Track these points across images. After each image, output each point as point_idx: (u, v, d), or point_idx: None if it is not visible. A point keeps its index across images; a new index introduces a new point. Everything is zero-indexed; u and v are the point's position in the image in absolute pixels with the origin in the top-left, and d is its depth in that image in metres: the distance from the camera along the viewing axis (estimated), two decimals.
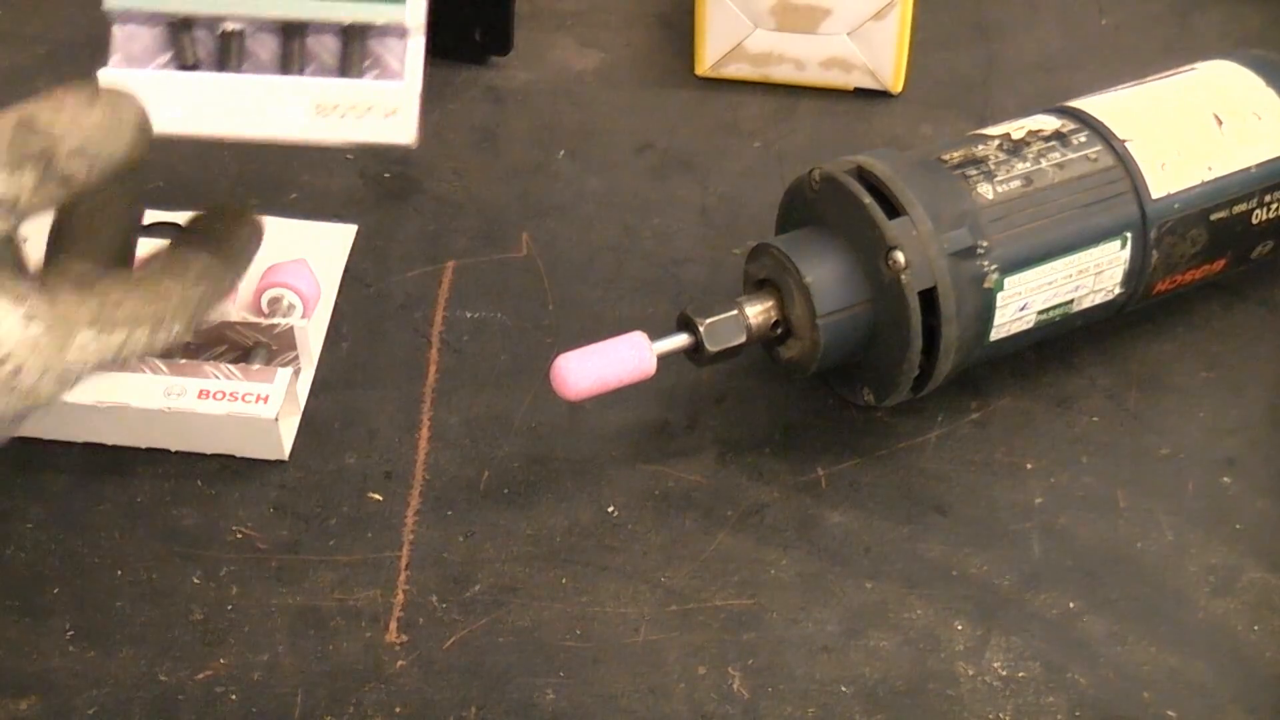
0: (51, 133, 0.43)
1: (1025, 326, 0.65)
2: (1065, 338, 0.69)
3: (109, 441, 0.64)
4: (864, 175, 0.64)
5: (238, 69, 0.47)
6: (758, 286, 0.65)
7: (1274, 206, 0.69)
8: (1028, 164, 0.65)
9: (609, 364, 0.61)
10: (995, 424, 0.67)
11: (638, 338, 0.61)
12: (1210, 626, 0.60)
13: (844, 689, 0.57)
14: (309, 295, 0.69)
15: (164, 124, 0.46)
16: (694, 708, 0.57)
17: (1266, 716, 0.57)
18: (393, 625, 0.59)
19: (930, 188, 0.63)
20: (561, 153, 0.82)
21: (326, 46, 0.47)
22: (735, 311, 0.63)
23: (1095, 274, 0.66)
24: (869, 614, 0.60)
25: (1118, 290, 0.67)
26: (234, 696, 0.57)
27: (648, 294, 0.73)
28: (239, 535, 0.62)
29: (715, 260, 0.75)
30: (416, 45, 0.47)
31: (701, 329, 0.62)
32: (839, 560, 0.62)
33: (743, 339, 0.63)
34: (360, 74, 0.47)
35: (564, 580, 0.61)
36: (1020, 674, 0.58)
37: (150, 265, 0.47)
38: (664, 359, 0.62)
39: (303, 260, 0.70)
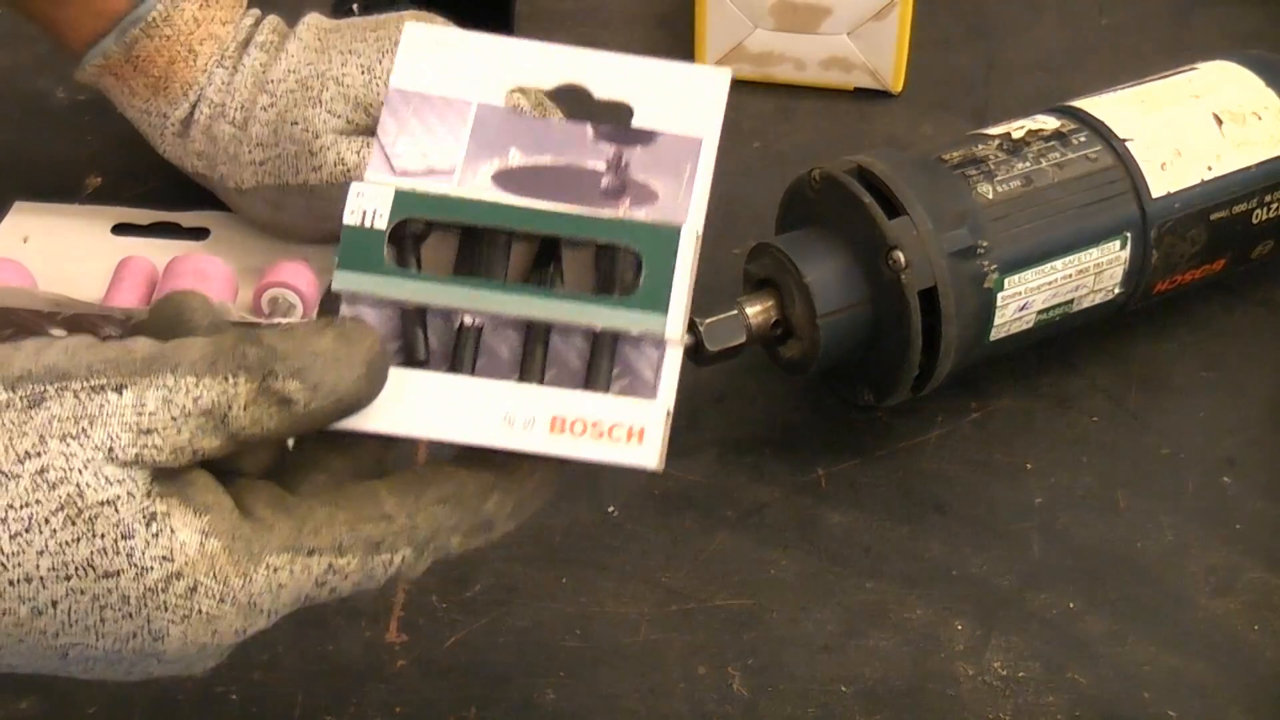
0: (273, 347, 0.39)
1: (1025, 326, 0.65)
2: (1065, 338, 0.69)
3: None
4: (864, 175, 0.64)
5: (471, 369, 0.42)
6: (758, 286, 0.65)
7: (1274, 206, 0.69)
8: (1028, 164, 0.65)
9: None
10: (995, 424, 0.67)
11: None
12: (1210, 626, 0.59)
13: (844, 689, 0.57)
14: (309, 295, 0.69)
15: (385, 423, 0.41)
16: (694, 708, 0.57)
17: (1266, 716, 0.57)
18: (393, 625, 0.59)
19: (930, 187, 0.63)
20: None
21: (575, 347, 0.42)
22: (735, 311, 0.63)
23: (1095, 274, 0.66)
24: (869, 614, 0.60)
25: (1118, 290, 0.67)
26: (234, 696, 0.57)
27: None
28: None
29: (715, 260, 0.75)
30: (674, 358, 0.42)
31: (701, 329, 0.62)
32: (839, 560, 0.62)
33: (743, 339, 0.63)
34: (608, 384, 0.42)
35: (564, 580, 0.61)
36: (1020, 674, 0.58)
37: (389, 480, 0.42)
38: None
39: (303, 260, 0.70)
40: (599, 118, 0.44)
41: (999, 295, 0.63)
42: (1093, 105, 0.69)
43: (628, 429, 0.41)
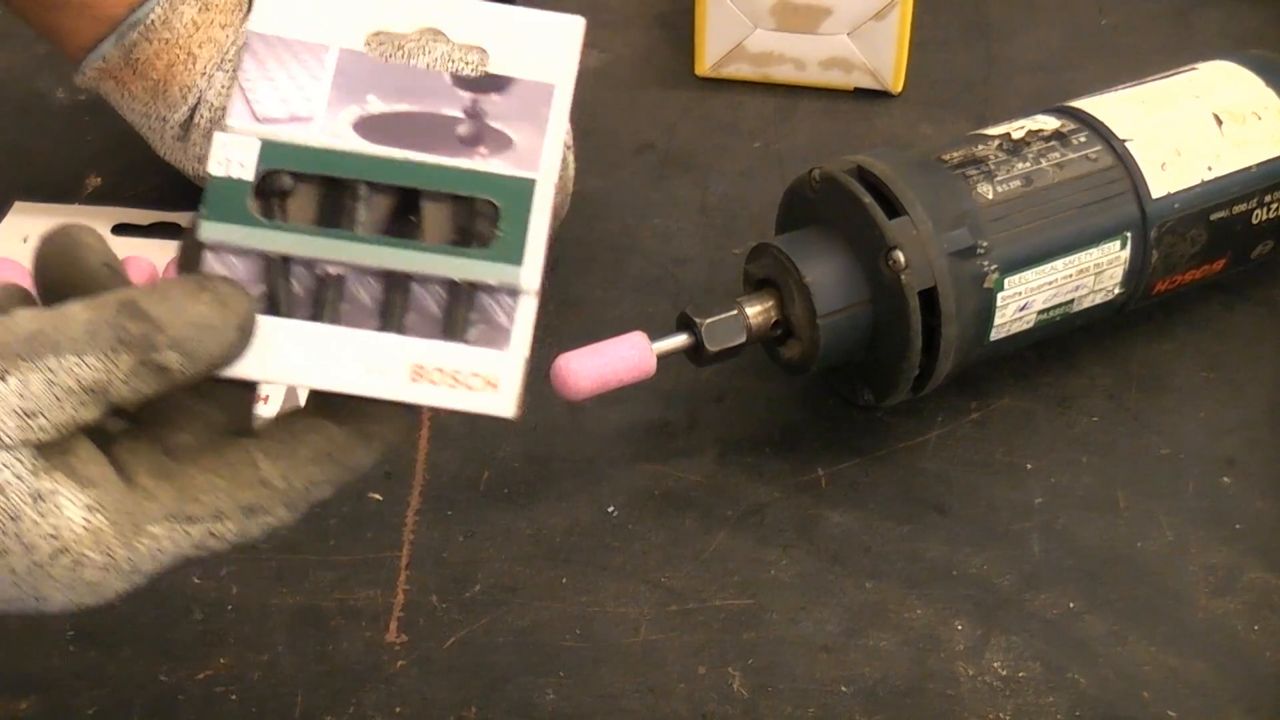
0: (153, 317, 0.40)
1: (1025, 326, 0.65)
2: (1065, 338, 0.69)
3: None
4: (864, 175, 0.64)
5: (334, 317, 0.43)
6: (758, 286, 0.65)
7: (1274, 206, 0.69)
8: (1028, 164, 0.65)
9: (609, 364, 0.61)
10: (995, 424, 0.67)
11: (638, 338, 0.61)
12: (1210, 626, 0.59)
13: (844, 689, 0.57)
14: None
15: (251, 370, 0.42)
16: (694, 708, 0.57)
17: (1266, 716, 0.57)
18: (393, 625, 0.59)
19: (930, 187, 0.63)
20: None
21: (435, 295, 0.43)
22: (735, 311, 0.63)
23: (1095, 274, 0.66)
24: (869, 614, 0.60)
25: (1118, 290, 0.67)
26: (234, 696, 0.57)
27: (648, 294, 0.73)
28: None
29: (715, 260, 0.75)
30: (528, 308, 0.43)
31: (701, 329, 0.62)
32: (839, 560, 0.62)
33: (743, 339, 0.63)
34: (465, 330, 0.43)
35: (564, 580, 0.61)
36: (1020, 674, 0.58)
37: (263, 439, 0.43)
38: (664, 359, 0.62)
39: None
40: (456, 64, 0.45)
41: (999, 295, 0.63)
42: (1093, 105, 0.69)
43: (484, 378, 0.42)
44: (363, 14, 0.44)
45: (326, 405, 0.44)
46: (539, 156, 0.44)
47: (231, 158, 0.43)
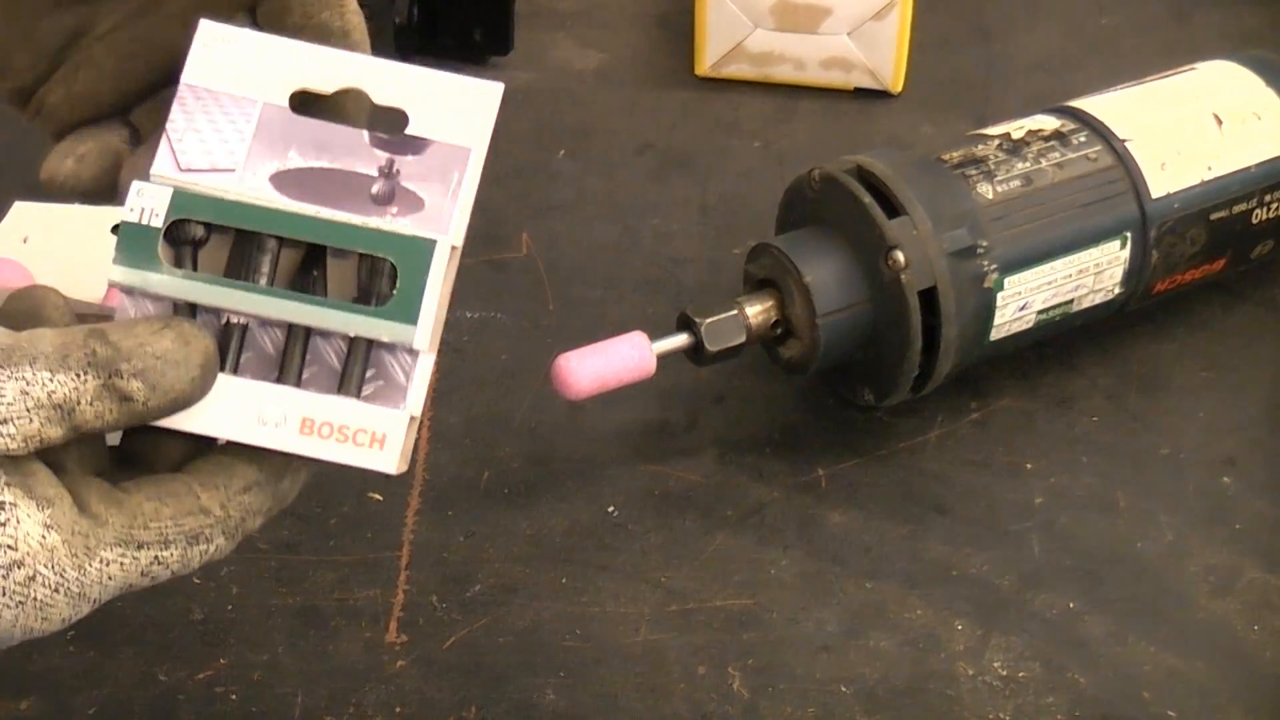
0: (119, 346, 0.41)
1: (1025, 326, 0.65)
2: (1065, 338, 0.69)
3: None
4: (864, 175, 0.64)
5: (235, 367, 0.44)
6: (758, 286, 0.65)
7: (1274, 206, 0.69)
8: (1028, 164, 0.65)
9: (609, 364, 0.61)
10: (995, 424, 0.67)
11: (638, 337, 0.61)
12: (1210, 626, 0.59)
13: (844, 689, 0.57)
14: None
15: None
16: (694, 708, 0.57)
17: (1266, 716, 0.57)
18: (393, 625, 0.59)
19: (930, 187, 0.63)
20: (561, 153, 0.82)
21: (334, 348, 0.44)
22: (735, 311, 0.63)
23: (1095, 274, 0.66)
24: (869, 614, 0.60)
25: (1118, 290, 0.67)
26: (234, 696, 0.57)
27: (648, 294, 0.73)
28: None
29: (715, 260, 0.75)
30: (424, 367, 0.44)
31: (701, 329, 0.62)
32: (839, 560, 0.62)
33: (743, 339, 0.63)
34: (360, 385, 0.44)
35: (564, 580, 0.61)
36: (1020, 674, 0.58)
37: (197, 471, 0.44)
38: (664, 359, 0.62)
39: None
40: (375, 125, 0.46)
41: (999, 295, 0.63)
42: (1093, 105, 0.69)
43: (370, 434, 0.43)
44: (289, 71, 0.45)
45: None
46: (448, 215, 0.45)
47: (145, 205, 0.44)
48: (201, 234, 0.45)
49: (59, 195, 0.51)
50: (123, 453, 0.45)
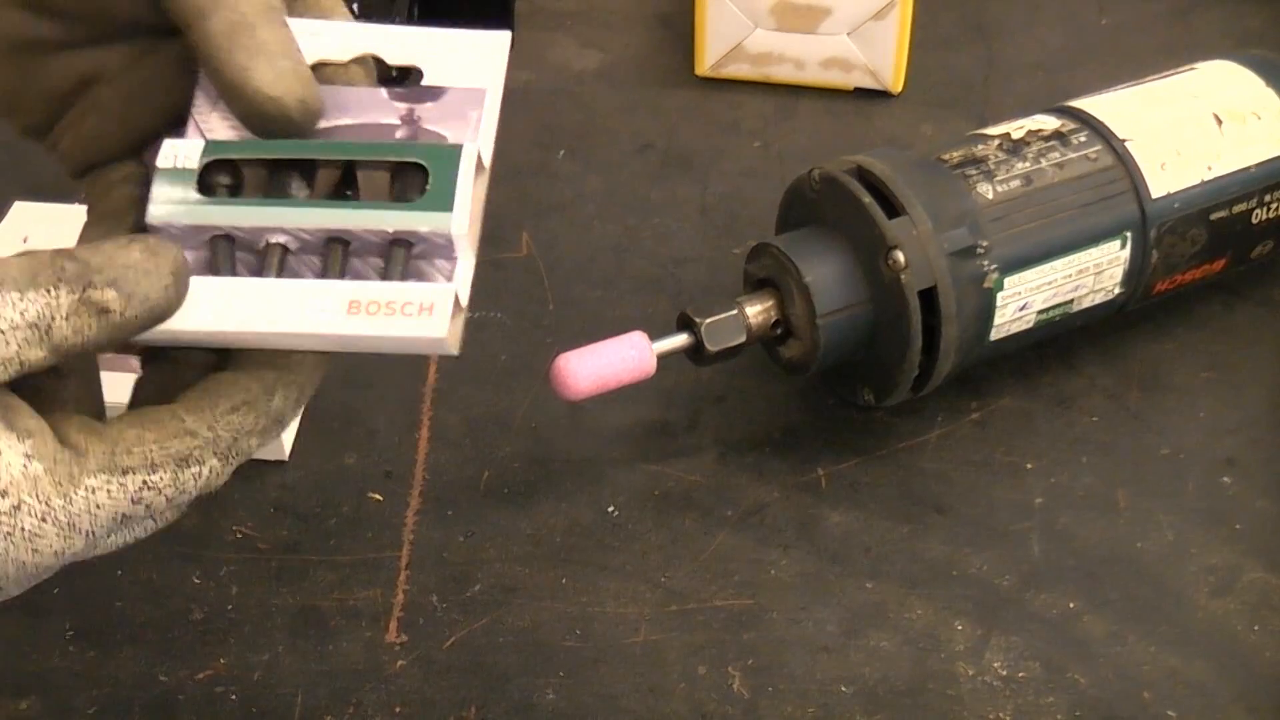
0: (88, 261, 0.41)
1: (1025, 326, 0.65)
2: (1065, 338, 0.69)
3: None
4: (864, 175, 0.64)
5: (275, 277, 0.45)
6: (758, 286, 0.65)
7: (1274, 206, 0.69)
8: (1028, 164, 0.65)
9: (609, 364, 0.61)
10: (995, 424, 0.67)
11: (638, 337, 0.61)
12: (1210, 626, 0.59)
13: (844, 689, 0.57)
14: None
15: (193, 324, 0.44)
16: (694, 708, 0.57)
17: (1266, 716, 0.57)
18: (393, 625, 0.59)
19: (930, 187, 0.63)
20: (561, 153, 0.82)
21: (373, 267, 0.45)
22: (735, 311, 0.63)
23: (1095, 274, 0.66)
24: (869, 614, 0.60)
25: (1118, 290, 0.67)
26: (234, 696, 0.57)
27: (648, 294, 0.73)
28: (239, 535, 0.62)
29: (715, 260, 0.75)
30: (465, 265, 0.45)
31: (701, 329, 0.62)
32: (839, 560, 0.62)
33: (743, 339, 0.63)
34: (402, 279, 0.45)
35: (564, 580, 0.61)
36: (1020, 674, 0.58)
37: (183, 400, 0.44)
38: (664, 359, 0.62)
39: None
40: (393, 82, 0.47)
41: (999, 295, 0.63)
42: (1093, 105, 0.69)
43: (419, 304, 0.44)
44: (305, 45, 0.46)
45: (239, 363, 0.45)
46: (471, 139, 0.46)
47: (178, 153, 0.45)
48: (233, 183, 0.45)
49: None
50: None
